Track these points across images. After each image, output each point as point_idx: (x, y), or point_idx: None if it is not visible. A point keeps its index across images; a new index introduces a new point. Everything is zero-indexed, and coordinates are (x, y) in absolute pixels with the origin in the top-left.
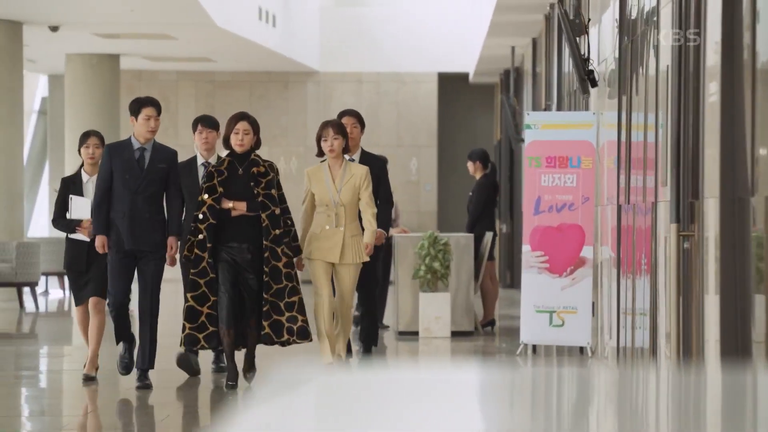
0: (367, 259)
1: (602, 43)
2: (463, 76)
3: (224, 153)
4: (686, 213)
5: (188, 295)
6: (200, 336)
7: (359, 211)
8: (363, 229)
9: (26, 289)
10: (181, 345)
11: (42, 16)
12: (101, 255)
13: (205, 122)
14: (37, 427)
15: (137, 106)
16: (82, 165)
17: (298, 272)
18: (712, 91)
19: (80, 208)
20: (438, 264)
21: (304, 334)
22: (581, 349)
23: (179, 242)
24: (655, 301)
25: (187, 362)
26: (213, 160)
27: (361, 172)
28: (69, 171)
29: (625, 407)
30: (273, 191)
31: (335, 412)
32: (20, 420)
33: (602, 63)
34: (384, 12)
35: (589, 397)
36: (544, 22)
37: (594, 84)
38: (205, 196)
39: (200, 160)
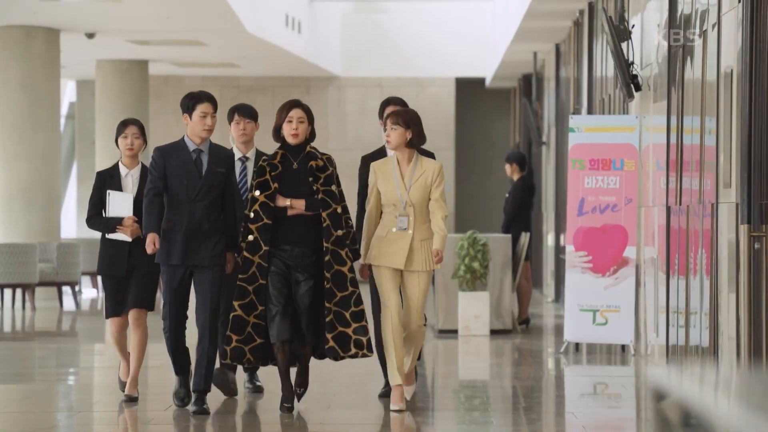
0: (439, 266)
1: (645, 48)
2: (480, 81)
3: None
4: (757, 214)
5: (235, 304)
6: (246, 348)
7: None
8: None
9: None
10: (225, 359)
11: (79, 24)
12: (144, 259)
13: (243, 111)
14: (65, 422)
15: (191, 102)
16: (121, 158)
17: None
18: None
19: (119, 204)
20: (477, 264)
21: (372, 347)
22: (623, 347)
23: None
24: (716, 300)
25: (225, 380)
26: (251, 155)
27: (434, 167)
28: None
29: None
30: (333, 187)
31: None
32: (55, 415)
33: (646, 68)
34: (403, 18)
35: None
36: (574, 27)
37: (638, 88)
38: (257, 193)
39: (237, 155)
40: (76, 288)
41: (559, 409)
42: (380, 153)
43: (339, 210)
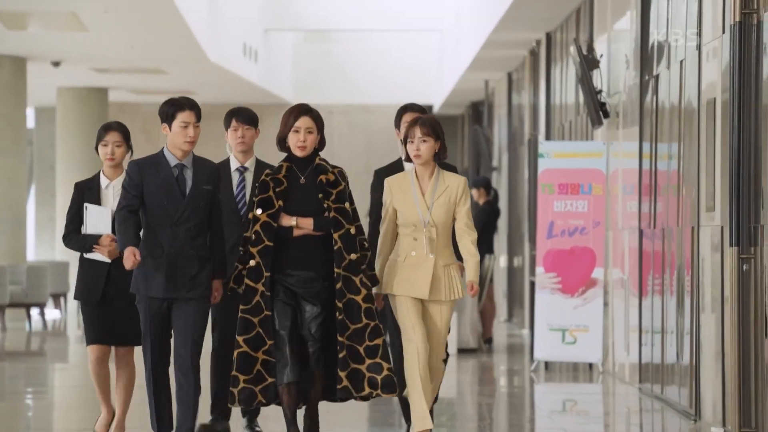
0: (463, 295)
1: (612, 77)
2: (427, 108)
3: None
4: (746, 237)
5: (239, 339)
6: (257, 389)
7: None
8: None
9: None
10: (233, 403)
11: (46, 53)
12: (126, 285)
13: (241, 116)
14: None
15: (171, 109)
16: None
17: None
18: None
19: (97, 219)
20: None
21: (391, 387)
22: (590, 365)
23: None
24: (698, 319)
25: None
26: (250, 165)
27: (459, 183)
28: (61, 202)
29: None
30: (346, 205)
31: None
32: None
33: (614, 95)
34: (352, 48)
35: None
36: (529, 56)
37: (606, 115)
38: (258, 212)
39: (234, 165)
40: (45, 309)
41: (549, 424)
42: (396, 166)
43: (353, 231)
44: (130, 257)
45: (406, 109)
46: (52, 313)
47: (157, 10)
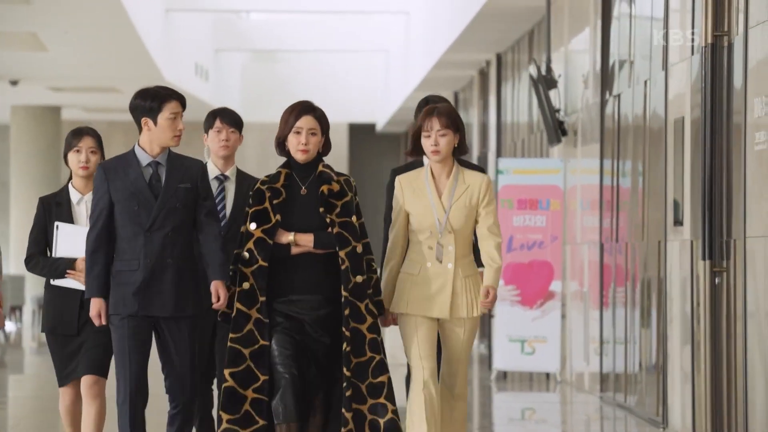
0: (485, 310)
1: (569, 96)
2: (371, 126)
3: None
4: (718, 251)
5: (226, 372)
6: None
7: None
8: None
9: None
10: None
11: (4, 72)
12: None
13: (226, 117)
14: None
15: (155, 102)
16: (70, 179)
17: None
18: (761, 139)
19: (70, 240)
20: None
21: None
22: (547, 375)
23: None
24: (665, 330)
25: None
26: (231, 174)
27: (481, 181)
28: (15, 218)
29: None
30: (353, 218)
31: None
32: None
33: (572, 114)
34: (299, 68)
35: None
36: (479, 76)
37: (564, 133)
38: (252, 226)
39: (213, 172)
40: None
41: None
42: (416, 166)
43: (360, 249)
44: (96, 316)
45: (428, 101)
46: (7, 326)
47: (116, 30)
